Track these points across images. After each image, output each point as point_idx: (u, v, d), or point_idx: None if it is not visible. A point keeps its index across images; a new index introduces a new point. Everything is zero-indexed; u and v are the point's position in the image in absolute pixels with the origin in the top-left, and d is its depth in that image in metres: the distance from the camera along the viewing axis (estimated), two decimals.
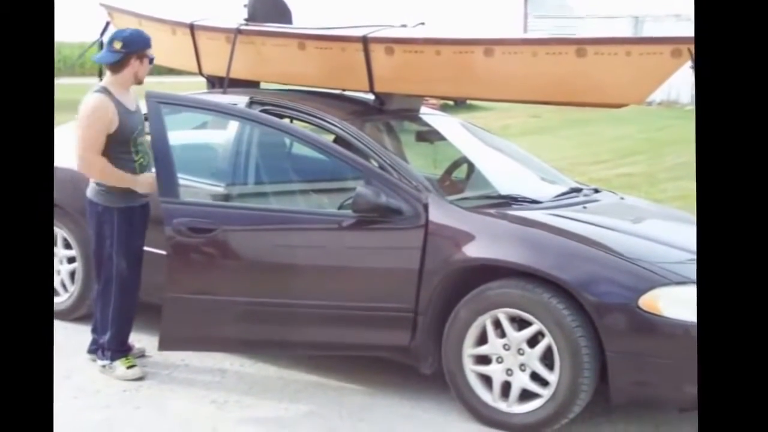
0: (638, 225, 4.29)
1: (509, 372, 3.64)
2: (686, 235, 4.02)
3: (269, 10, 5.06)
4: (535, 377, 3.59)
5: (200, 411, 3.81)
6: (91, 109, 3.97)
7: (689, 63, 3.68)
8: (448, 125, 5.14)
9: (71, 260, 4.82)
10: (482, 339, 3.69)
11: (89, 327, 4.34)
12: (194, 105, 4.39)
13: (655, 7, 22.10)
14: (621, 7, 22.61)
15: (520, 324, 3.60)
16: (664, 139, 14.38)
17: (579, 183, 4.93)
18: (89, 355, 4.30)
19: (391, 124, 4.70)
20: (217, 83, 5.05)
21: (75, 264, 4.80)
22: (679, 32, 4.10)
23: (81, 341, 4.35)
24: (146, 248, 4.17)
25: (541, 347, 3.55)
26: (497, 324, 3.65)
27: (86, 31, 6.29)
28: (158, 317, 3.92)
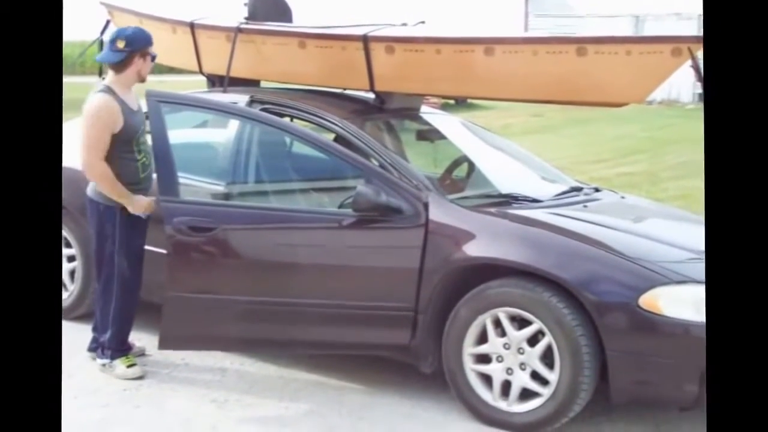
0: (639, 224, 4.28)
1: (509, 371, 3.63)
2: (687, 235, 4.03)
3: (269, 9, 5.06)
4: (536, 376, 3.59)
5: (200, 410, 3.81)
6: (97, 109, 3.95)
7: (689, 62, 3.69)
8: (449, 124, 5.14)
9: (71, 259, 4.81)
10: (482, 338, 3.69)
11: (89, 326, 4.34)
12: (194, 104, 4.39)
13: (656, 6, 22.13)
14: (621, 6, 22.64)
15: (521, 323, 3.60)
16: (665, 138, 14.40)
17: (579, 182, 4.92)
18: (89, 354, 4.30)
19: (392, 123, 4.70)
20: (218, 82, 5.05)
21: (75, 263, 4.80)
22: (680, 31, 4.11)
23: (81, 340, 4.35)
24: (146, 247, 4.17)
25: (542, 346, 3.54)
26: (497, 323, 3.64)
27: (87, 30, 6.28)
28: (158, 316, 3.92)
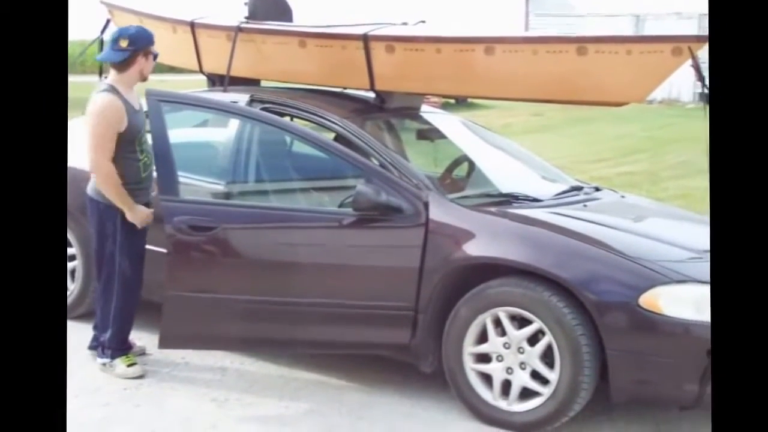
0: (639, 223, 4.28)
1: (509, 370, 3.63)
2: (688, 234, 4.04)
3: (270, 8, 5.06)
4: (536, 375, 3.59)
5: (200, 409, 3.81)
6: (102, 108, 3.94)
7: (690, 61, 3.68)
8: (449, 123, 5.14)
9: (71, 258, 4.80)
10: (482, 337, 3.69)
11: (89, 325, 4.35)
12: (195, 103, 4.38)
13: (657, 6, 22.12)
14: (622, 6, 22.64)
15: (521, 322, 3.60)
16: (666, 138, 14.40)
17: (580, 181, 4.92)
18: (90, 351, 4.29)
19: (392, 123, 4.70)
20: (218, 81, 5.05)
21: (75, 262, 4.79)
22: (681, 30, 4.11)
23: (81, 339, 4.35)
24: (146, 246, 4.17)
25: (542, 345, 3.54)
26: (497, 322, 3.64)
27: (87, 29, 6.28)
28: (159, 315, 3.92)
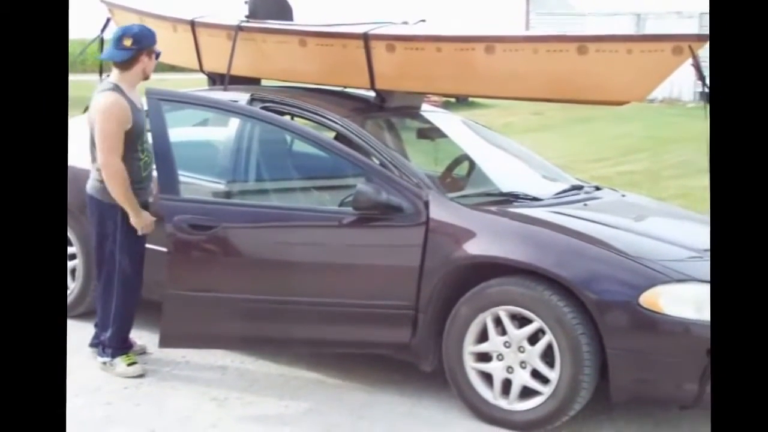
0: (640, 222, 4.28)
1: (510, 369, 3.63)
2: (688, 233, 4.04)
3: (270, 7, 5.06)
4: (536, 375, 3.59)
5: (201, 408, 3.81)
6: (109, 106, 3.93)
7: (690, 60, 3.68)
8: (450, 122, 5.14)
9: (71, 257, 4.80)
10: (483, 336, 3.69)
11: (89, 324, 4.35)
12: (195, 102, 4.38)
13: (657, 5, 22.10)
14: (623, 4, 22.61)
15: (521, 321, 3.60)
16: (666, 137, 14.37)
17: (580, 180, 4.92)
18: (90, 349, 4.29)
19: (393, 122, 4.70)
20: (218, 80, 5.05)
21: (75, 261, 4.79)
22: (681, 29, 4.11)
23: (81, 338, 4.34)
24: (147, 245, 4.17)
25: (542, 345, 3.54)
26: (498, 321, 3.64)
27: (87, 28, 6.28)
28: (159, 314, 3.92)
